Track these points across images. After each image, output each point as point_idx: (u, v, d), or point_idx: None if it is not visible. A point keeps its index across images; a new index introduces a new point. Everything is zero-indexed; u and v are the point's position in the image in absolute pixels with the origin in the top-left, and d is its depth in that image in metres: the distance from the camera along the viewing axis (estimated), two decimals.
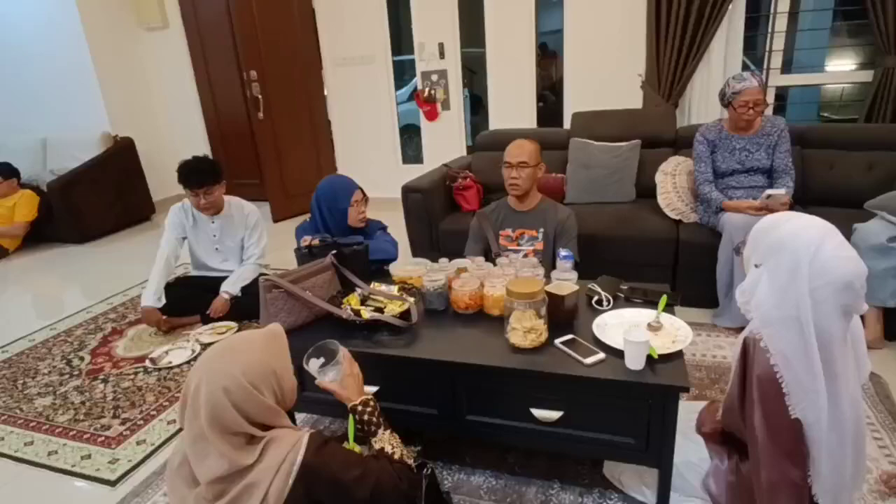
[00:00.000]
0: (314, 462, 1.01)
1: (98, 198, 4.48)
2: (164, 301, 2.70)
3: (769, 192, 2.28)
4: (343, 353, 1.29)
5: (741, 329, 2.31)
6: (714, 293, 2.45)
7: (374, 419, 1.22)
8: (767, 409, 1.12)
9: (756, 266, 1.18)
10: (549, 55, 5.87)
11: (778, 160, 2.47)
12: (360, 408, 1.22)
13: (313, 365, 1.27)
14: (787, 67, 3.67)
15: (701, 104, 3.49)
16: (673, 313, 1.56)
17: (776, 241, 1.14)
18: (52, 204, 4.29)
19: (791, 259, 1.09)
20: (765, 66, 3.48)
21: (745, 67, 3.55)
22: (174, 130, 5.25)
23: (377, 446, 1.20)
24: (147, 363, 2.46)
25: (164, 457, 1.87)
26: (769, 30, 3.41)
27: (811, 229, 1.11)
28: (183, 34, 4.94)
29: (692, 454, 1.41)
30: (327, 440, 1.08)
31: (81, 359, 2.59)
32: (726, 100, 2.46)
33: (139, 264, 3.64)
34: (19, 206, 4.20)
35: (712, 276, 2.43)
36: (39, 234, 4.36)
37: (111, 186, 4.59)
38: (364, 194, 2.30)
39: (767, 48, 3.45)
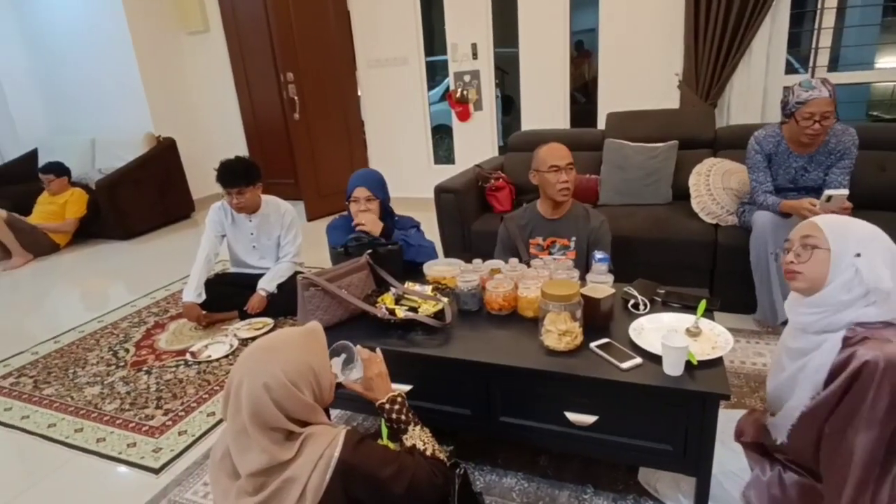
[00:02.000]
0: (351, 459, 1.03)
1: (142, 196, 4.66)
2: (204, 297, 2.79)
3: (829, 192, 2.02)
4: (358, 351, 1.28)
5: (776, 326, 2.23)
6: (753, 298, 2.38)
7: (403, 416, 1.23)
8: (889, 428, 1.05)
9: (858, 256, 1.14)
10: (583, 54, 5.81)
11: (832, 176, 2.20)
12: (387, 406, 1.23)
13: (335, 364, 1.25)
14: (833, 65, 3.53)
15: (740, 105, 3.38)
16: (712, 318, 1.53)
17: (862, 229, 1.17)
18: (100, 202, 4.48)
19: (884, 237, 1.15)
20: (811, 65, 3.36)
21: (788, 66, 3.43)
22: (214, 131, 5.41)
23: (408, 443, 1.20)
24: (188, 356, 2.55)
25: (204, 447, 1.93)
26: (815, 26, 3.28)
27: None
28: (223, 37, 5.09)
29: (731, 463, 1.37)
30: (363, 437, 1.09)
31: (127, 350, 2.70)
32: (789, 109, 2.16)
33: (180, 260, 3.78)
34: (70, 204, 4.41)
35: (752, 281, 2.36)
36: (86, 231, 4.56)
37: (154, 185, 4.77)
38: (370, 192, 2.10)
39: (813, 45, 3.32)
